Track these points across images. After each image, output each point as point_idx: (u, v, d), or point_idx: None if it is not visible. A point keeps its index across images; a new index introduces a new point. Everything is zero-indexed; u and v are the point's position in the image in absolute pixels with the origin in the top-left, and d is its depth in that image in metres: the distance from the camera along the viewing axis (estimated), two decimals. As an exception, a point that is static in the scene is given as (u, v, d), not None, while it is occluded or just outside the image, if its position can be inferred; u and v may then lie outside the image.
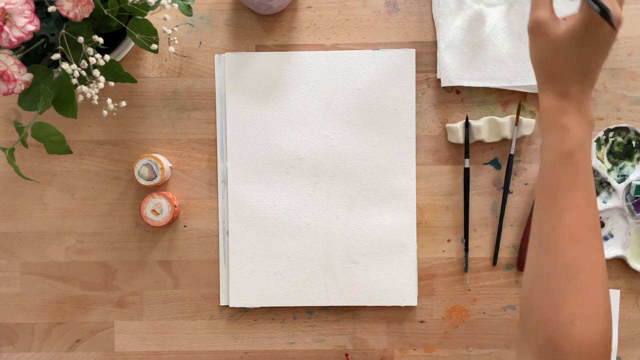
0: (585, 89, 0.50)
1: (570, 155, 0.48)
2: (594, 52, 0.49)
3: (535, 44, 0.51)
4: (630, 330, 0.73)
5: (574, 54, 0.49)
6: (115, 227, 0.75)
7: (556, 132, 0.49)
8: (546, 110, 0.50)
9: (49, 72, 0.58)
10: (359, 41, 0.74)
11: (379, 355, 0.75)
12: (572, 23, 0.49)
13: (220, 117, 0.74)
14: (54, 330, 0.75)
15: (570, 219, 0.47)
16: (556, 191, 0.49)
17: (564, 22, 0.50)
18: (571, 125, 0.49)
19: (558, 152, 0.49)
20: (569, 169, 0.48)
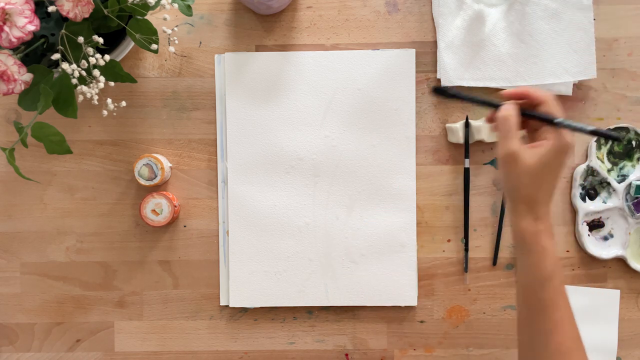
0: (549, 208, 0.54)
1: (552, 276, 0.52)
2: (559, 174, 0.54)
3: (508, 173, 0.54)
4: (630, 330, 0.73)
5: (545, 179, 0.53)
6: (115, 227, 0.75)
7: (536, 255, 0.53)
8: (523, 234, 0.54)
9: (49, 72, 0.58)
10: (359, 41, 0.74)
11: (379, 355, 0.75)
12: (544, 152, 0.52)
13: (220, 117, 0.74)
14: (54, 330, 0.75)
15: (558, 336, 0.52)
16: (541, 309, 0.53)
17: (533, 150, 0.53)
18: (548, 246, 0.53)
19: (540, 273, 0.53)
20: (551, 289, 0.52)
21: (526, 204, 0.53)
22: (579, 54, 0.70)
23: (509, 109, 0.54)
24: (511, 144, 0.53)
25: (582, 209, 0.72)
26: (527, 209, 0.53)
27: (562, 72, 0.70)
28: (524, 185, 0.53)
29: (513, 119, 0.53)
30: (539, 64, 0.70)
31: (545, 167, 0.52)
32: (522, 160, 0.52)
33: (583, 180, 0.73)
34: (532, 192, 0.53)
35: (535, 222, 0.53)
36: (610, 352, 0.73)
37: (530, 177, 0.53)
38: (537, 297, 0.53)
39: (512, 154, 0.53)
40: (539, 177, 0.52)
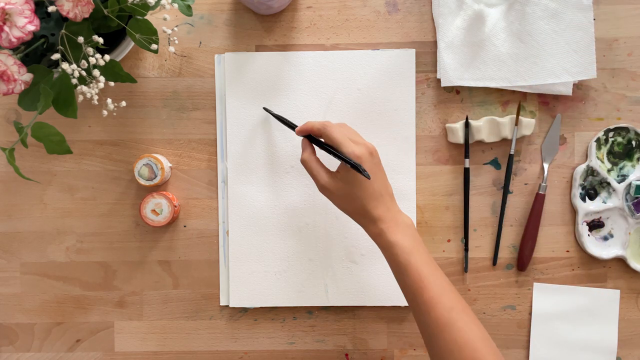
0: (388, 205, 0.61)
1: (407, 264, 0.58)
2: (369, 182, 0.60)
3: (332, 199, 0.63)
4: (630, 330, 0.73)
5: (356, 191, 0.60)
6: (115, 227, 0.75)
7: (387, 250, 0.60)
8: (373, 236, 0.61)
9: (49, 72, 0.58)
10: (359, 41, 0.74)
11: (379, 355, 0.75)
12: (342, 173, 0.61)
13: (220, 117, 0.74)
14: (54, 330, 0.75)
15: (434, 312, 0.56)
16: (412, 293, 0.58)
17: (337, 174, 0.62)
18: (394, 239, 0.59)
19: (397, 265, 0.59)
20: (412, 274, 0.58)
21: (358, 215, 0.61)
22: (579, 54, 0.70)
23: (305, 155, 0.64)
24: (319, 180, 0.62)
25: (582, 209, 0.72)
26: (364, 219, 0.61)
27: (562, 72, 0.70)
28: (346, 204, 0.62)
29: (311, 162, 0.63)
30: (539, 64, 0.70)
31: (348, 184, 0.60)
32: (332, 189, 0.61)
33: (583, 180, 0.73)
34: (353, 205, 0.61)
35: (375, 224, 0.60)
36: (610, 352, 0.73)
37: (344, 197, 0.61)
38: (404, 283, 0.59)
39: (324, 187, 0.62)
40: (349, 193, 0.61)
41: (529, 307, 0.74)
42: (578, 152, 0.73)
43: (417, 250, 0.59)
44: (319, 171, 0.63)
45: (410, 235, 0.60)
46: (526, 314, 0.74)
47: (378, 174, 0.61)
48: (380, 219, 0.60)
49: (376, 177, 0.61)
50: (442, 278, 0.58)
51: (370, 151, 0.61)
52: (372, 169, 0.60)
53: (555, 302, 0.73)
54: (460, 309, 0.57)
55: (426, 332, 0.57)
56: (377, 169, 0.61)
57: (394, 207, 0.61)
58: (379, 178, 0.61)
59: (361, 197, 0.60)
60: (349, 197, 0.61)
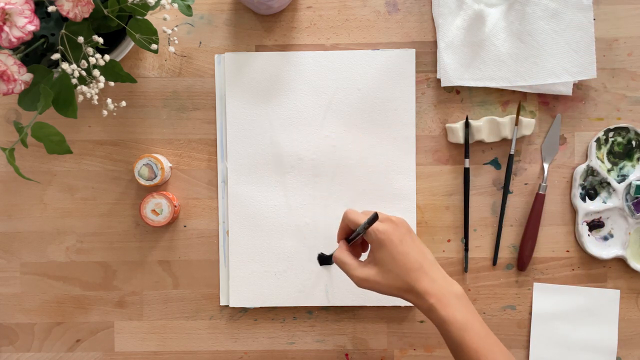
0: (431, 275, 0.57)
1: (462, 341, 0.55)
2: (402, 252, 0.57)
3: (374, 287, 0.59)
4: (630, 330, 0.73)
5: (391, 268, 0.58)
6: (115, 227, 0.75)
7: (440, 327, 0.57)
8: (424, 312, 0.58)
9: (49, 72, 0.58)
10: (359, 41, 0.74)
11: (379, 355, 0.75)
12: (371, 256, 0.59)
13: (220, 117, 0.74)
14: (54, 330, 0.75)
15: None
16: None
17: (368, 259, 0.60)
18: (446, 314, 0.56)
19: (452, 342, 0.56)
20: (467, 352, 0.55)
21: (404, 292, 0.58)
22: (579, 54, 0.70)
23: (337, 252, 0.62)
24: (354, 276, 0.59)
25: (582, 209, 0.72)
26: (410, 295, 0.58)
27: (562, 72, 0.70)
28: (388, 286, 0.58)
29: (343, 257, 0.61)
30: (539, 64, 0.70)
31: (383, 264, 0.58)
32: (369, 275, 0.58)
33: (583, 180, 0.73)
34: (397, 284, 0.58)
35: (423, 300, 0.57)
36: (610, 352, 0.73)
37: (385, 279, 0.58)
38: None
39: (362, 280, 0.59)
40: (389, 273, 0.58)
41: (529, 307, 0.74)
42: (578, 152, 0.73)
43: (472, 325, 0.56)
44: (351, 262, 0.60)
45: (463, 308, 0.56)
46: (526, 314, 0.74)
47: (410, 243, 0.58)
48: (427, 293, 0.56)
49: (408, 246, 0.58)
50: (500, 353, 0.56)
51: (394, 222, 0.59)
52: (401, 239, 0.58)
53: (555, 302, 0.73)
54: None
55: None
56: (408, 238, 0.59)
57: (439, 277, 0.58)
58: (412, 247, 0.58)
59: (399, 273, 0.57)
60: (388, 277, 0.58)
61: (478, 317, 0.57)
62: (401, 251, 0.57)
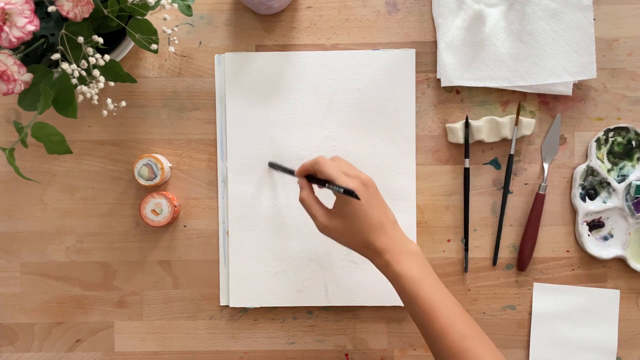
0: (390, 234, 0.59)
1: (416, 295, 0.57)
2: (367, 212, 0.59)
3: (333, 237, 0.61)
4: (630, 330, 0.73)
5: (354, 224, 0.59)
6: (115, 227, 0.75)
7: (395, 282, 0.58)
8: (380, 268, 0.60)
9: (49, 72, 0.58)
10: (359, 41, 0.74)
11: (379, 355, 0.75)
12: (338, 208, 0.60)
13: (220, 117, 0.74)
14: (54, 330, 0.75)
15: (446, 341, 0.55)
16: (423, 324, 0.57)
17: (334, 210, 0.60)
18: (400, 269, 0.58)
19: (406, 296, 0.58)
20: (421, 304, 0.57)
21: (362, 248, 0.60)
22: (579, 54, 0.70)
23: (302, 194, 0.62)
24: (317, 219, 0.61)
25: (582, 209, 0.72)
26: (368, 251, 0.60)
27: (562, 72, 0.70)
28: (348, 239, 0.60)
29: (309, 201, 0.62)
30: (539, 64, 0.70)
31: (348, 219, 0.59)
32: (331, 225, 0.60)
33: (583, 180, 0.73)
34: (357, 239, 0.59)
35: (379, 256, 0.59)
36: (610, 352, 0.73)
37: (346, 232, 0.60)
38: (415, 314, 0.58)
39: (323, 226, 0.61)
40: (349, 227, 0.59)
41: (529, 307, 0.74)
42: (578, 152, 0.73)
43: (426, 279, 0.58)
44: (317, 210, 0.61)
45: (417, 264, 0.58)
46: (526, 314, 0.74)
47: (375, 203, 0.60)
48: (384, 250, 0.58)
49: (373, 206, 0.59)
50: (452, 305, 0.57)
51: (364, 182, 0.60)
52: (368, 199, 0.59)
53: (555, 302, 0.73)
54: (473, 336, 0.56)
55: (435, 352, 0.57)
56: (374, 199, 0.60)
57: (397, 236, 0.60)
58: (377, 207, 0.60)
59: (361, 230, 0.59)
60: (350, 232, 0.59)
61: (432, 274, 0.59)
62: (366, 210, 0.59)
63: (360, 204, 0.58)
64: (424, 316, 0.56)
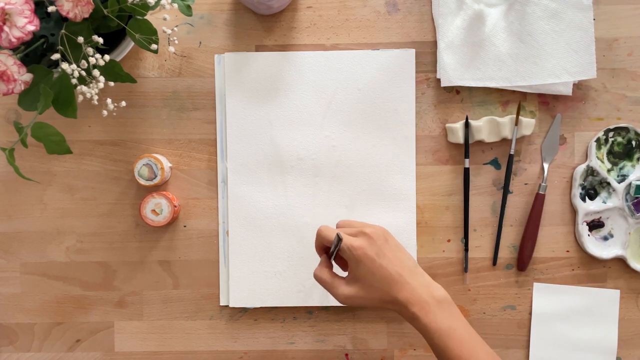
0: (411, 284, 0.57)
1: (445, 348, 0.55)
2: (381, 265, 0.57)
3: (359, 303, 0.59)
4: (630, 330, 0.73)
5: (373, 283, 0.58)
6: (115, 227, 0.75)
7: (424, 334, 0.57)
8: (409, 321, 0.58)
9: (49, 72, 0.58)
10: (359, 41, 0.74)
11: (379, 355, 0.75)
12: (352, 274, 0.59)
13: (220, 117, 0.74)
14: (54, 330, 0.75)
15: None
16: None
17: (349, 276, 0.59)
18: (427, 322, 0.56)
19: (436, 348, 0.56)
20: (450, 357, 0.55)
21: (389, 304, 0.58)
22: (579, 54, 0.70)
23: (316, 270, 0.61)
24: (336, 291, 0.59)
25: (582, 209, 0.72)
26: (395, 306, 0.58)
27: (562, 72, 0.70)
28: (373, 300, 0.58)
29: (322, 274, 0.61)
30: (539, 64, 0.70)
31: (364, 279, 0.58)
32: (352, 292, 0.58)
33: (583, 180, 0.73)
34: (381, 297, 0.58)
35: (406, 309, 0.57)
36: (610, 352, 0.73)
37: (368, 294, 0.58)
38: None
39: (346, 298, 0.59)
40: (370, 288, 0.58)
41: (529, 307, 0.74)
42: (578, 152, 0.73)
43: (454, 331, 0.56)
44: (333, 281, 0.60)
45: (446, 313, 0.57)
46: (526, 314, 0.74)
47: (388, 254, 0.58)
48: (409, 302, 0.56)
49: (386, 258, 0.58)
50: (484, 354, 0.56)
51: (369, 235, 0.58)
52: (378, 252, 0.58)
53: (555, 302, 0.73)
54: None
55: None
56: (386, 249, 0.58)
57: (419, 284, 0.58)
58: (391, 257, 0.58)
59: (380, 286, 0.57)
60: (370, 292, 0.58)
61: (462, 321, 0.57)
62: (379, 265, 0.57)
63: (372, 260, 0.57)
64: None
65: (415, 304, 0.56)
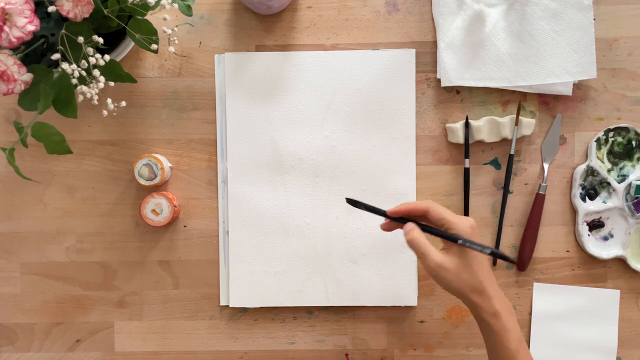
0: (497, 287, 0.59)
1: (516, 352, 0.57)
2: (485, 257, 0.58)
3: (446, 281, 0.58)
4: (630, 330, 0.73)
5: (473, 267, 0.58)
6: (115, 227, 0.75)
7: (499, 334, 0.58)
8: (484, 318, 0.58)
9: (49, 72, 0.58)
10: (359, 41, 0.74)
11: (379, 355, 0.75)
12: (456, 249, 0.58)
13: (220, 117, 0.74)
14: (54, 330, 0.75)
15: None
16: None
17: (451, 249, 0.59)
18: (508, 324, 0.58)
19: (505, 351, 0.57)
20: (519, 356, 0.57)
21: (475, 293, 0.58)
22: (579, 54, 0.70)
23: (414, 233, 0.59)
24: (431, 260, 0.58)
25: (582, 209, 0.72)
26: (479, 297, 0.58)
27: (562, 72, 0.70)
28: (462, 281, 0.58)
29: (421, 240, 0.59)
30: (539, 64, 0.70)
31: (466, 258, 0.58)
32: (447, 266, 0.58)
33: (583, 180, 0.73)
34: (472, 282, 0.58)
35: (489, 304, 0.58)
36: (610, 352, 0.73)
37: (462, 273, 0.58)
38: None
39: (438, 267, 0.58)
40: (469, 268, 0.58)
41: (529, 307, 0.74)
42: (578, 152, 0.73)
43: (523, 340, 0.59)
44: (431, 249, 0.59)
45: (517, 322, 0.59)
46: (526, 314, 0.74)
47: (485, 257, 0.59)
48: (495, 298, 0.58)
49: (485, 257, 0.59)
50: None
51: (473, 226, 0.59)
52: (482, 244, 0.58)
53: (555, 302, 0.73)
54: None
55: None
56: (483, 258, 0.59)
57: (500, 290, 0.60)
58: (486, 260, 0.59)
59: (478, 273, 0.58)
60: (466, 272, 0.58)
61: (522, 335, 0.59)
62: (481, 258, 0.58)
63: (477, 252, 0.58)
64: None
65: (500, 304, 0.58)
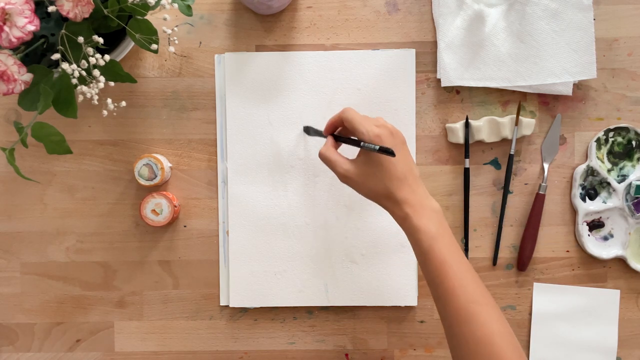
0: (412, 187, 0.59)
1: (430, 249, 0.56)
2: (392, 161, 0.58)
3: (354, 186, 0.61)
4: (630, 330, 0.73)
5: (377, 173, 0.59)
6: (115, 227, 0.75)
7: (412, 235, 0.58)
8: (398, 220, 0.59)
9: (49, 72, 0.58)
10: (359, 41, 0.74)
11: (379, 355, 0.75)
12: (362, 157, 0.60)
13: (220, 117, 0.74)
14: (54, 330, 0.75)
15: (455, 303, 0.54)
16: (433, 281, 0.56)
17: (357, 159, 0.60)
18: (419, 223, 0.57)
19: (420, 250, 0.57)
20: (433, 261, 0.56)
21: (383, 198, 0.59)
22: (579, 54, 0.70)
23: (323, 148, 0.63)
24: (339, 168, 0.61)
25: (582, 209, 0.72)
26: (388, 202, 0.59)
27: (562, 72, 0.70)
28: (369, 188, 0.60)
29: (329, 152, 0.62)
30: (539, 64, 0.70)
31: (372, 166, 0.59)
32: (353, 174, 0.60)
33: (583, 180, 0.73)
34: (378, 188, 0.59)
35: (399, 207, 0.58)
36: (610, 352, 0.73)
37: (368, 181, 0.59)
38: (427, 270, 0.57)
39: (344, 175, 0.61)
40: (372, 176, 0.59)
41: (529, 307, 0.74)
42: (578, 152, 0.73)
43: (442, 237, 0.57)
44: (338, 159, 0.61)
45: (437, 221, 0.58)
46: (526, 314, 0.74)
47: (401, 154, 0.59)
48: (405, 202, 0.58)
49: (399, 157, 0.58)
50: (466, 268, 0.56)
51: (391, 131, 0.59)
52: (394, 148, 0.58)
53: (555, 302, 0.73)
54: (483, 302, 0.54)
55: (445, 322, 0.56)
56: (400, 149, 0.59)
57: (419, 190, 0.59)
58: (402, 159, 0.59)
59: (384, 179, 0.58)
60: (372, 180, 0.59)
61: (450, 234, 0.58)
62: (391, 159, 0.58)
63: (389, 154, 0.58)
64: (436, 272, 0.56)
65: (411, 205, 0.58)
